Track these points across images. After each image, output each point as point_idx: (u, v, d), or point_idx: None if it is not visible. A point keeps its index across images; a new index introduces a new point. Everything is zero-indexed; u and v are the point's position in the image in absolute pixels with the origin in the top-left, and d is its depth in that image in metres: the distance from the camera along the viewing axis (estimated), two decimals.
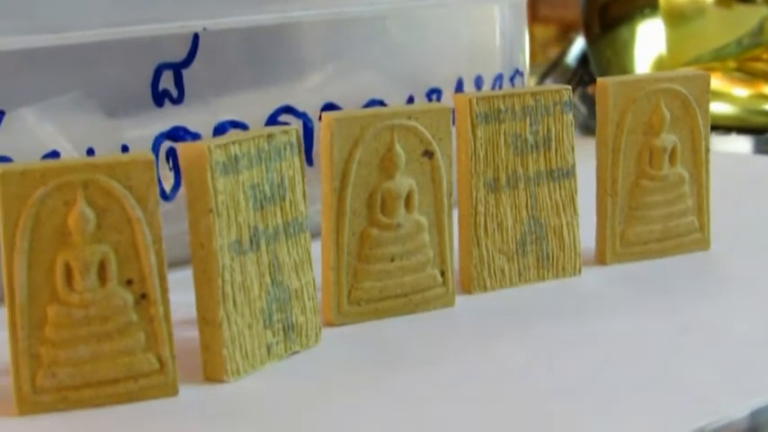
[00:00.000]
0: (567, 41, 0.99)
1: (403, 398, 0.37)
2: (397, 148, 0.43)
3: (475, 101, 0.45)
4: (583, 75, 0.94)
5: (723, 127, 0.81)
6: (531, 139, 0.47)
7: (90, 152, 0.48)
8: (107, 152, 0.48)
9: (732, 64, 0.85)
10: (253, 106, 0.52)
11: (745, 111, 0.83)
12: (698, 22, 0.84)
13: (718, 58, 0.84)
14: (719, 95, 0.82)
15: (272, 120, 0.52)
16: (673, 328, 0.43)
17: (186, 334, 0.40)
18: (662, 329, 0.42)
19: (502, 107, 0.46)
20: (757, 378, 0.38)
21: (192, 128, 0.50)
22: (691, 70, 0.52)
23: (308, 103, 0.53)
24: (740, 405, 0.36)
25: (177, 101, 0.50)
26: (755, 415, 0.36)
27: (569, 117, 0.47)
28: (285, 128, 0.40)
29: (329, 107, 0.54)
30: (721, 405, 0.36)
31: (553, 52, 1.00)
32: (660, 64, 0.84)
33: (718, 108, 0.81)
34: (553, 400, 0.37)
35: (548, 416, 0.36)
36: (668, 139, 0.50)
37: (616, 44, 0.87)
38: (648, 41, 0.85)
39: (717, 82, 0.82)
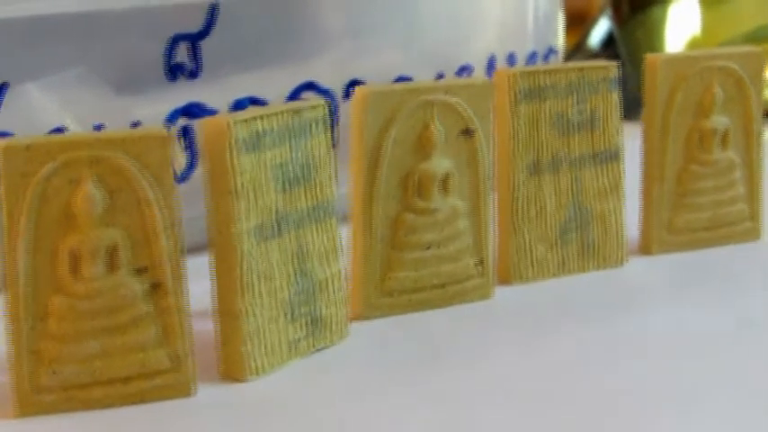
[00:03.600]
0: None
1: (438, 398, 0.34)
2: (436, 125, 0.39)
3: (517, 76, 0.42)
4: (607, 58, 0.91)
5: None
6: (575, 118, 0.43)
7: (98, 129, 0.45)
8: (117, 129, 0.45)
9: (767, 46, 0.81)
10: (274, 82, 0.49)
11: None
12: (734, 3, 0.81)
13: (752, 41, 0.81)
14: None
15: (294, 97, 0.49)
16: (725, 322, 0.39)
17: (207, 326, 0.36)
18: (715, 324, 0.39)
19: (545, 83, 0.42)
20: None
21: (209, 104, 0.47)
22: (745, 47, 0.48)
23: (333, 80, 0.50)
24: None
25: (193, 75, 0.47)
26: None
27: (616, 95, 0.44)
28: (313, 102, 0.37)
29: (354, 84, 0.50)
30: None
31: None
32: (693, 45, 0.81)
33: None
34: (606, 401, 0.33)
35: (604, 417, 0.32)
36: (720, 120, 0.46)
37: (647, 25, 0.84)
38: (681, 22, 0.82)
39: None
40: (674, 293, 0.43)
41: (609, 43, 0.91)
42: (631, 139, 0.46)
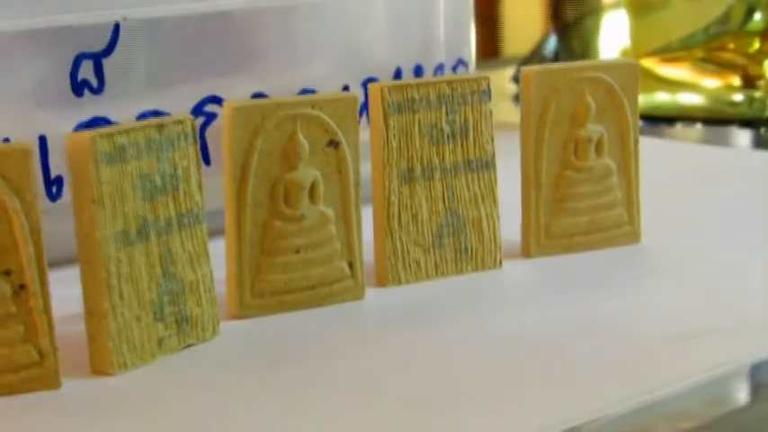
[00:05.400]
0: None
1: (289, 394, 0.37)
2: (300, 137, 0.42)
3: (387, 90, 0.45)
4: None
5: (690, 118, 0.80)
6: (447, 128, 0.46)
7: (6, 142, 0.47)
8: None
9: (699, 53, 0.83)
10: (178, 96, 0.51)
11: (713, 101, 0.82)
12: (664, 11, 0.83)
13: (685, 48, 0.83)
14: (687, 86, 0.81)
15: (198, 110, 0.52)
16: (576, 323, 0.42)
17: (80, 327, 0.39)
18: (566, 324, 0.42)
19: (416, 96, 0.45)
20: (646, 376, 0.37)
21: (114, 118, 0.49)
22: (619, 59, 0.51)
23: (236, 94, 0.52)
24: (620, 404, 0.35)
25: (97, 91, 0.49)
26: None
27: (488, 106, 0.47)
28: (179, 117, 0.39)
29: (258, 97, 0.53)
30: (600, 404, 0.35)
31: None
32: (624, 54, 0.83)
33: (686, 99, 0.80)
34: (433, 398, 0.36)
35: (422, 414, 0.35)
36: (594, 129, 0.49)
37: (582, 35, 0.86)
38: (614, 31, 0.84)
39: (684, 72, 0.81)
40: (542, 295, 0.45)
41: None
42: None
